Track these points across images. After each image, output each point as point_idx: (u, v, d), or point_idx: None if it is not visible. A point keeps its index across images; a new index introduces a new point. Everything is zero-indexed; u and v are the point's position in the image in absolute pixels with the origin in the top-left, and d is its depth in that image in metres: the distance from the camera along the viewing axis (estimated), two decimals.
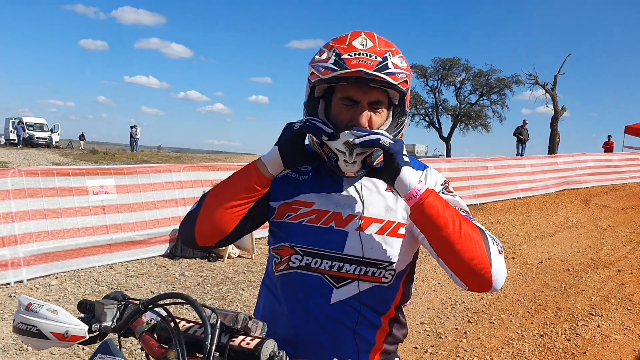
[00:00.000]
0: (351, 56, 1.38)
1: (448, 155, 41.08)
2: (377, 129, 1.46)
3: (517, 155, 20.95)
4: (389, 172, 1.38)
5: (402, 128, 1.52)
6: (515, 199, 13.44)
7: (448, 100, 46.79)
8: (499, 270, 1.33)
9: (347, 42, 1.43)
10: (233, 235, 1.53)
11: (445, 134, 45.51)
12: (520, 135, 22.22)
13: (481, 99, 45.11)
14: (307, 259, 1.49)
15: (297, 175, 1.59)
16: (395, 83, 1.39)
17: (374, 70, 1.35)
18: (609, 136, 25.47)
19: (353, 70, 1.35)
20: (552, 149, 26.03)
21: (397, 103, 1.50)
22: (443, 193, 1.52)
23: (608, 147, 24.66)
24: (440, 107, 45.94)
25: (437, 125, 45.89)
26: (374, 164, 1.48)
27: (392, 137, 1.38)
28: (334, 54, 1.41)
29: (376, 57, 1.38)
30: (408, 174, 1.35)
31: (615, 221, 11.18)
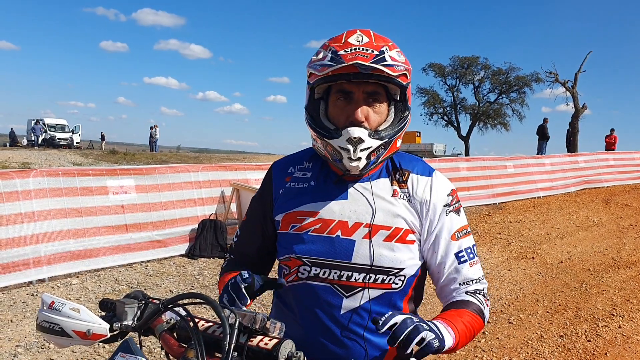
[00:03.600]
0: (347, 52, 1.37)
1: (467, 154, 40.70)
2: (377, 127, 1.44)
3: (538, 154, 20.64)
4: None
5: (405, 124, 1.50)
6: (535, 198, 13.28)
7: (467, 99, 46.52)
8: (487, 320, 1.54)
9: (343, 40, 1.42)
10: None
11: (464, 133, 45.15)
12: (545, 134, 22.03)
13: (500, 97, 44.67)
14: (316, 270, 1.48)
15: (298, 184, 1.57)
16: (394, 74, 1.37)
17: (370, 62, 1.34)
18: (612, 130, 22.84)
19: (349, 64, 1.34)
20: (572, 148, 25.60)
21: (398, 99, 1.48)
22: (448, 213, 1.52)
23: (610, 142, 22.48)
24: (458, 105, 45.61)
25: (455, 124, 45.57)
26: (379, 160, 1.46)
27: (436, 334, 1.25)
28: (330, 52, 1.40)
29: (372, 51, 1.38)
30: (447, 346, 1.29)
31: (638, 220, 10.98)
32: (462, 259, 1.52)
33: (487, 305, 1.52)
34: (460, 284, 1.52)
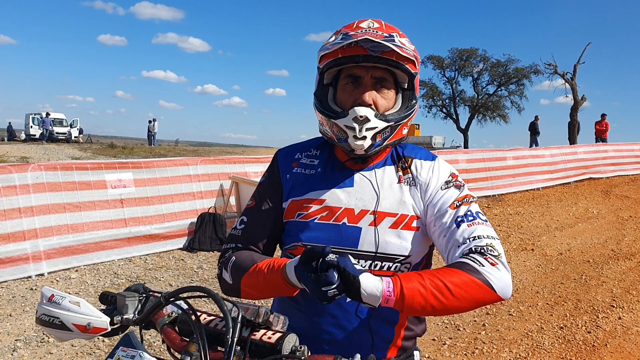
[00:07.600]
0: (357, 32, 1.40)
1: (466, 146, 40.73)
2: (385, 112, 1.46)
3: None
4: (350, 290, 1.18)
5: (412, 112, 1.51)
6: (534, 190, 13.30)
7: (465, 91, 46.45)
8: (502, 284, 1.31)
9: (355, 25, 1.46)
10: None
11: (462, 125, 45.15)
12: (537, 130, 22.15)
13: (499, 89, 44.62)
14: None
15: (304, 170, 1.57)
16: (403, 54, 1.38)
17: (380, 40, 1.35)
18: (603, 115, 20.97)
19: (359, 39, 1.35)
20: (572, 139, 25.64)
21: (406, 87, 1.49)
22: (446, 188, 1.50)
23: (601, 129, 20.72)
24: (457, 98, 45.54)
25: (454, 117, 45.52)
26: (385, 143, 1.47)
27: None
28: (341, 34, 1.44)
29: (382, 33, 1.41)
30: (367, 281, 1.18)
31: (637, 212, 11.00)
32: (459, 222, 1.41)
33: (489, 263, 1.32)
34: (457, 247, 1.38)
